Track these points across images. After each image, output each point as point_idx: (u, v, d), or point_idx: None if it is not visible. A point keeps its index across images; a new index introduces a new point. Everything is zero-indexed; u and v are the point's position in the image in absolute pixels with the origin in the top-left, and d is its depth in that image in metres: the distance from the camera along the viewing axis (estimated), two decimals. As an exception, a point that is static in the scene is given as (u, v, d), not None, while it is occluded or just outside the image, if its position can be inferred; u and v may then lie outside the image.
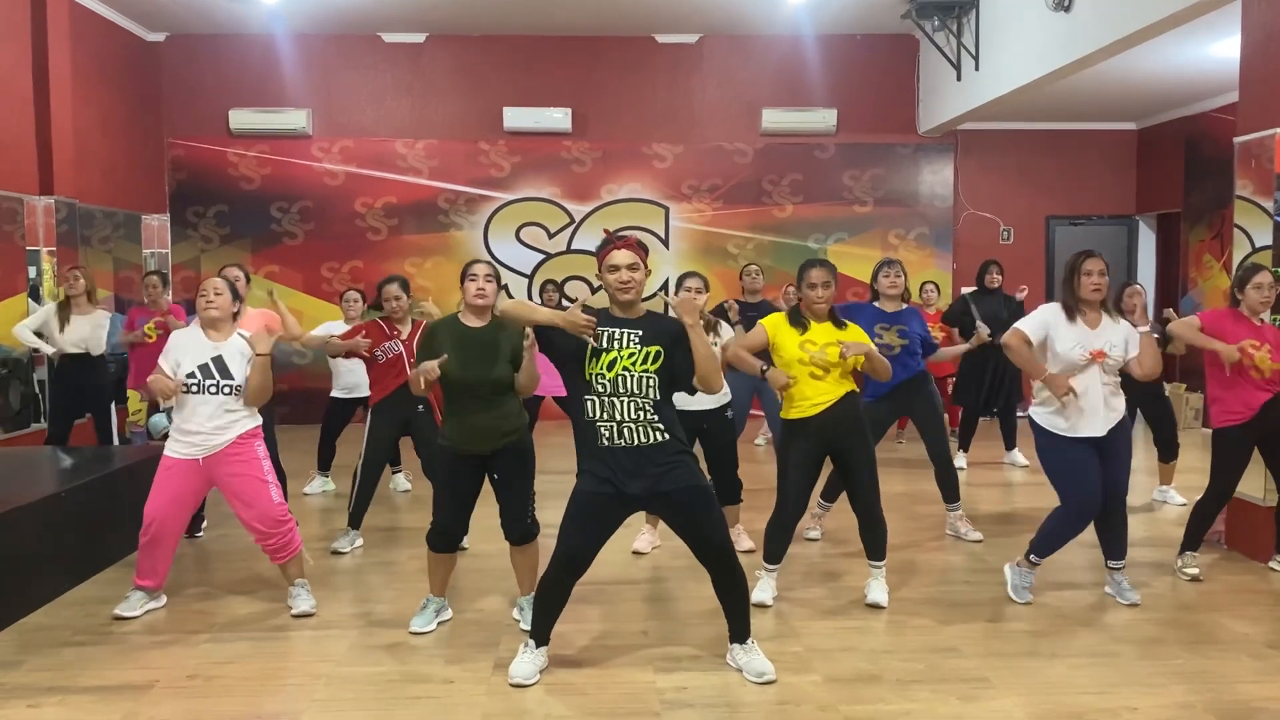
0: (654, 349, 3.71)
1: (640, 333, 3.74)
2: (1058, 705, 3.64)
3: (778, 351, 4.65)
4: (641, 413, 3.68)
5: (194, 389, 4.53)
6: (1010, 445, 8.40)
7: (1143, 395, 6.27)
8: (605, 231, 3.92)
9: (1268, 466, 5.31)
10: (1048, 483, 4.77)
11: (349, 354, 5.94)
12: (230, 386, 4.55)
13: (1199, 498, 5.33)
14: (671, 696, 3.74)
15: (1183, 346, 5.66)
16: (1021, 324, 4.71)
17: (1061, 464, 4.65)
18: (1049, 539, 4.77)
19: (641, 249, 3.82)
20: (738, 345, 4.78)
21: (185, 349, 4.58)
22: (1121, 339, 4.62)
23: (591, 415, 3.71)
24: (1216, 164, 10.17)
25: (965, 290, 8.77)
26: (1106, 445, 4.60)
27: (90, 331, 7.40)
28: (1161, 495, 6.92)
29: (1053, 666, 4.01)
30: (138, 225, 10.33)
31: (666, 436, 3.71)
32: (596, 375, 3.70)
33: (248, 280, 6.50)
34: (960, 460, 7.96)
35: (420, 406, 5.71)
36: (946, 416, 6.60)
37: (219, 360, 4.55)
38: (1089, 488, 4.60)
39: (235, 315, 4.75)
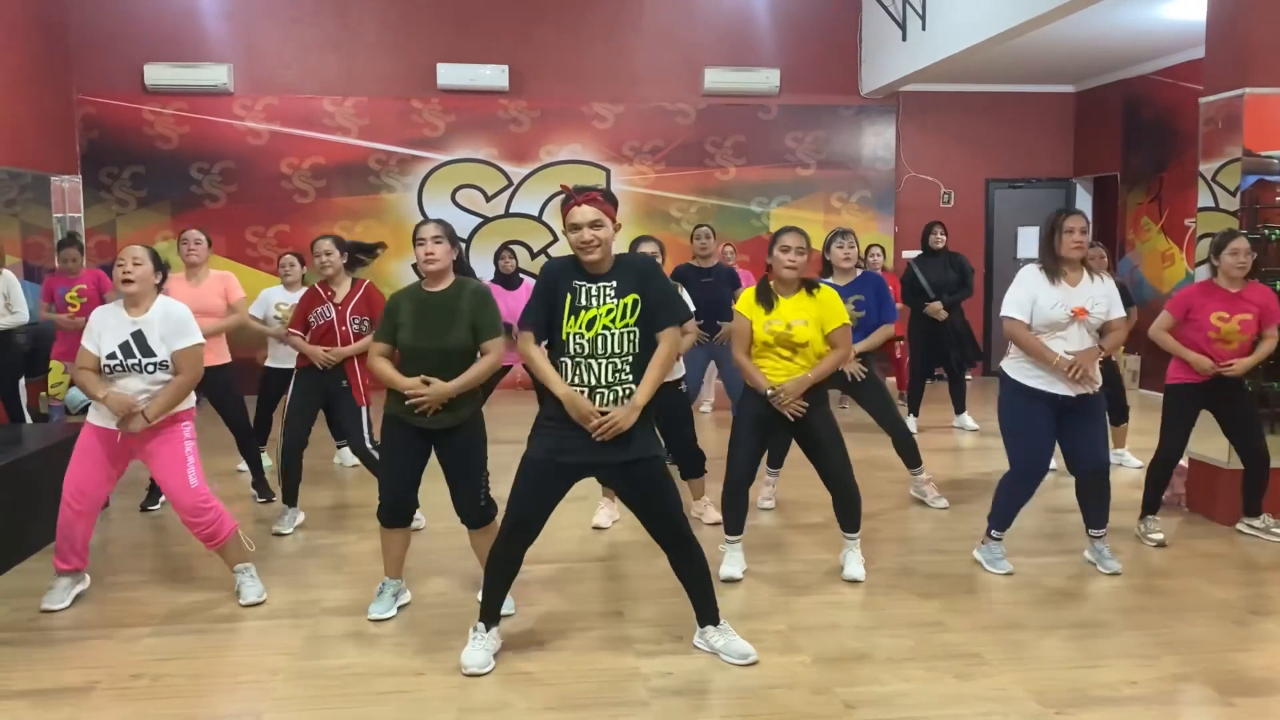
0: (630, 299, 3.53)
1: (614, 284, 3.54)
2: (1056, 681, 3.54)
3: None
4: (619, 374, 3.52)
5: (116, 369, 4.18)
6: (960, 409, 8.37)
7: None
8: (564, 187, 3.65)
9: (1225, 434, 5.29)
10: (1000, 446, 4.66)
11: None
12: (154, 364, 4.21)
13: (1151, 459, 5.31)
14: (659, 683, 3.55)
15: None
16: (1011, 306, 4.52)
17: (1017, 420, 4.58)
18: (1004, 510, 4.71)
19: (609, 202, 3.57)
20: (739, 352, 4.52)
21: (105, 326, 4.23)
22: (1104, 296, 4.52)
23: (563, 378, 3.53)
24: (1155, 127, 10.23)
25: (908, 254, 8.66)
26: (1081, 408, 4.52)
27: None
28: (1117, 459, 6.91)
29: (1043, 640, 3.92)
30: (47, 187, 9.68)
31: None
32: (574, 335, 3.51)
33: (209, 244, 6.13)
34: (911, 425, 7.89)
35: (344, 382, 5.32)
36: (894, 380, 6.58)
37: (139, 336, 4.20)
38: (1038, 451, 4.54)
39: (159, 286, 4.34)
